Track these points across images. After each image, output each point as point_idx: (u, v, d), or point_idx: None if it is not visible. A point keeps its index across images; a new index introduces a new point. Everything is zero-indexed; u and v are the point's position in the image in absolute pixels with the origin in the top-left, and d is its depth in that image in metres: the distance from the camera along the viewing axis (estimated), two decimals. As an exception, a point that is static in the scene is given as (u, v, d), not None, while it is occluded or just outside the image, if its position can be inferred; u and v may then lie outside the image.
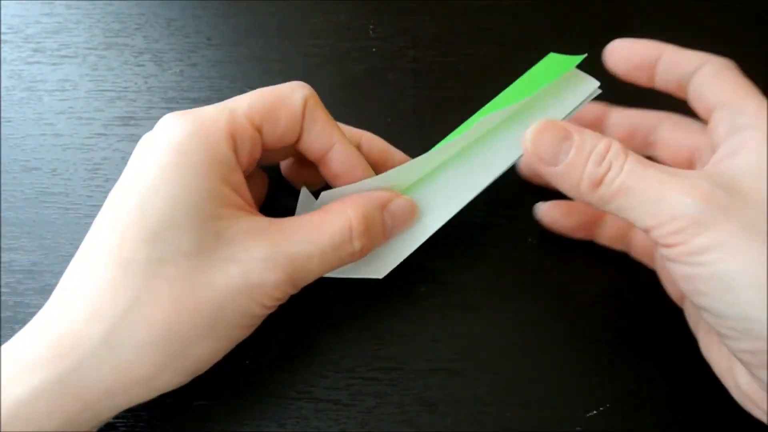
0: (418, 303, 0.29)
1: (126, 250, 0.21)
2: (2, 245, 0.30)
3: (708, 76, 0.24)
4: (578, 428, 0.26)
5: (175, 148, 0.22)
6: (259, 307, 0.22)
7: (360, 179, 0.26)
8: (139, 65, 0.34)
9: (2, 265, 0.30)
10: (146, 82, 0.34)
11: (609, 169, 0.21)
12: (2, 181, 0.32)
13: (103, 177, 0.32)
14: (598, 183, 0.22)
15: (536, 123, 0.23)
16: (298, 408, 0.27)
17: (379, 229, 0.25)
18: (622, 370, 0.28)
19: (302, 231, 0.23)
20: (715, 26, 0.35)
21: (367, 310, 0.26)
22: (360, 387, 0.27)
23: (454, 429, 0.27)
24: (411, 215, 0.26)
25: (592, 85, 0.28)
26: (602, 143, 0.22)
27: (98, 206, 0.31)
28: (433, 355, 0.28)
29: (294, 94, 0.24)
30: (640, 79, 0.27)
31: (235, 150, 0.23)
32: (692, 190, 0.20)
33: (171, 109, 0.33)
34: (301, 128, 0.25)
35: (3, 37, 0.35)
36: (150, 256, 0.21)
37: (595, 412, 0.27)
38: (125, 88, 0.34)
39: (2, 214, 0.31)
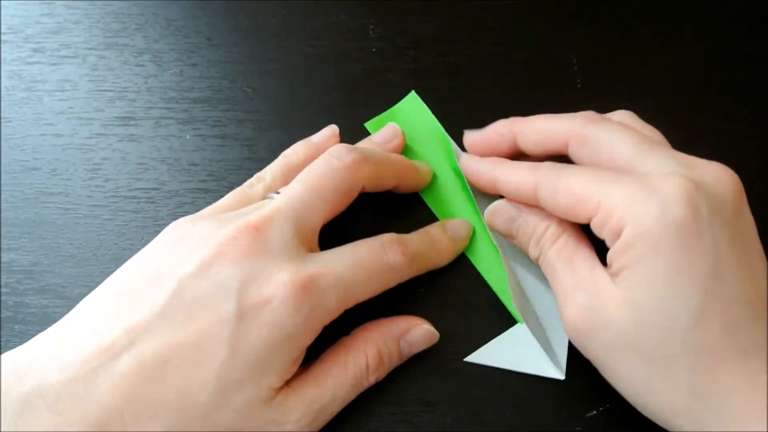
0: (418, 303, 0.29)
1: (194, 389, 0.22)
2: (2, 245, 0.30)
3: (579, 148, 0.25)
4: (578, 428, 0.26)
5: (282, 339, 0.23)
6: None
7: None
8: (139, 65, 0.34)
9: (2, 265, 0.30)
10: (146, 82, 0.34)
11: (540, 253, 0.25)
12: (2, 181, 0.32)
13: (103, 177, 0.32)
14: (537, 259, 0.26)
15: (487, 210, 0.27)
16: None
17: (394, 358, 0.26)
18: (622, 370, 0.28)
19: (330, 378, 0.25)
20: (715, 26, 0.35)
21: (366, 311, 0.26)
22: (360, 387, 0.27)
23: (454, 429, 0.27)
24: (430, 340, 0.27)
25: (416, 100, 0.32)
26: (541, 226, 0.25)
27: (98, 206, 0.31)
28: (433, 355, 0.28)
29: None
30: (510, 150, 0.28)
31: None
32: (574, 306, 0.23)
33: (171, 110, 0.33)
34: None
35: (3, 37, 0.35)
36: (203, 405, 0.22)
37: (595, 412, 0.27)
38: (125, 88, 0.34)
39: (2, 214, 0.31)
